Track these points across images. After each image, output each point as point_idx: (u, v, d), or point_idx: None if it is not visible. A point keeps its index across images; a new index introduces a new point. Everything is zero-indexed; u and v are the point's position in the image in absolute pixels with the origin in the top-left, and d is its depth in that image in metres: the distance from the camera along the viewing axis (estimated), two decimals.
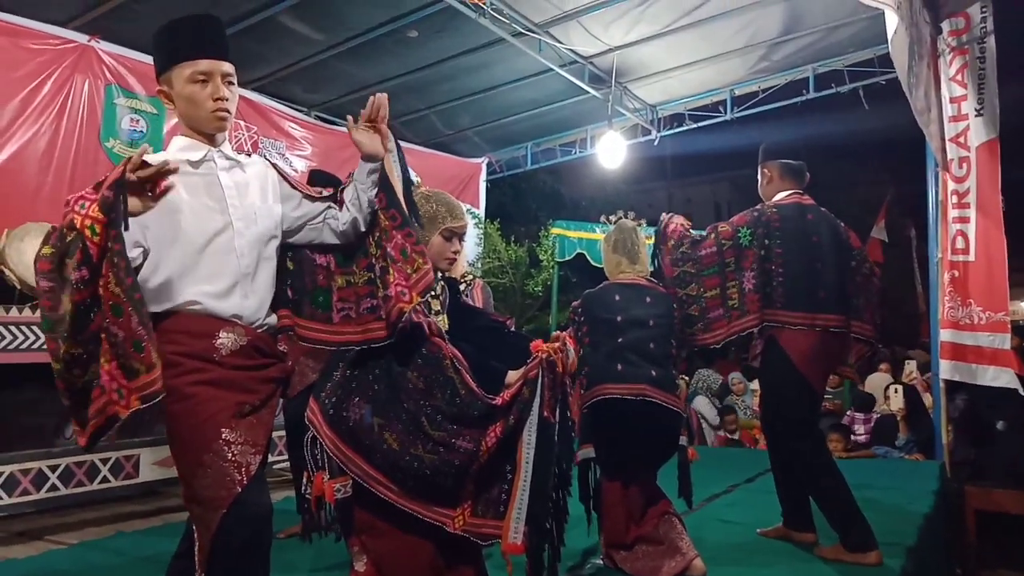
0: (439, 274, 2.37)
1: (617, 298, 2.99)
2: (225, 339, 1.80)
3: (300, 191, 2.02)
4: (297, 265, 2.03)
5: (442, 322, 2.26)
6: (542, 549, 2.07)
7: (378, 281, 1.97)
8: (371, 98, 1.97)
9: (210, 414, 1.72)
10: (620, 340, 2.90)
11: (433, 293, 2.31)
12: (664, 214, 3.46)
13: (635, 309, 2.96)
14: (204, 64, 1.83)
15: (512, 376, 2.10)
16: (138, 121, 5.25)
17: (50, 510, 3.88)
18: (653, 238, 3.40)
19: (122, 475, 4.00)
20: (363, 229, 2.01)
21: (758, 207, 3.28)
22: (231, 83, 1.89)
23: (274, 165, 2.06)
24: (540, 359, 2.08)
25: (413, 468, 1.99)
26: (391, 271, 1.96)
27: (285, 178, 2.03)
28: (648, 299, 3.00)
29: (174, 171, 1.63)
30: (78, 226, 1.56)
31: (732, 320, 3.17)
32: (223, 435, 1.71)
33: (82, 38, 4.97)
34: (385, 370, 2.05)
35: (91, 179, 5.32)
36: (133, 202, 1.60)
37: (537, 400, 2.06)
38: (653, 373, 2.88)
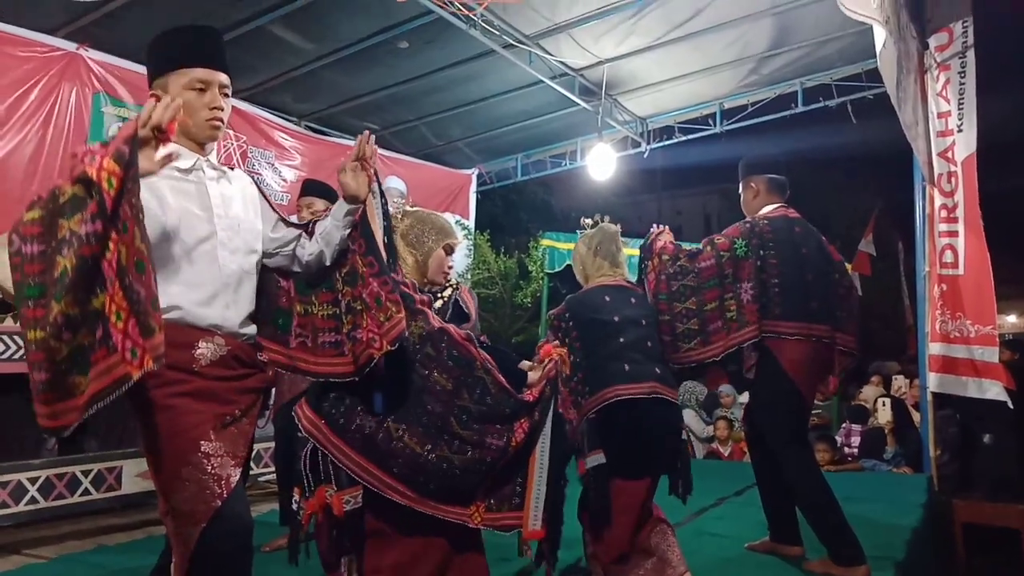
0: (447, 291, 2.50)
1: (607, 299, 2.96)
2: (205, 349, 1.78)
3: (277, 214, 2.06)
4: (261, 285, 2.03)
5: None
6: (559, 533, 2.25)
7: (343, 318, 1.98)
8: (359, 136, 2.01)
9: (189, 426, 1.70)
10: (621, 340, 2.87)
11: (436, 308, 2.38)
12: (654, 226, 3.44)
13: (627, 309, 2.95)
14: (203, 72, 1.84)
15: (532, 376, 2.25)
16: None
17: (29, 523, 3.81)
18: (639, 251, 3.38)
19: (104, 487, 3.94)
20: (327, 263, 2.02)
21: (749, 219, 3.28)
22: (226, 94, 1.91)
23: (256, 184, 2.08)
24: (555, 360, 2.29)
25: (441, 469, 2.03)
26: (364, 316, 1.96)
27: (266, 198, 2.06)
28: (633, 300, 3.01)
29: (178, 108, 1.64)
30: (94, 177, 1.50)
31: (731, 332, 3.11)
32: (202, 447, 1.69)
33: (70, 46, 4.93)
34: (400, 375, 2.07)
35: None
36: (141, 162, 1.57)
37: (554, 397, 2.25)
38: (657, 370, 2.89)
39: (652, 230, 3.41)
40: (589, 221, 3.22)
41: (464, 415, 2.08)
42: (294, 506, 2.10)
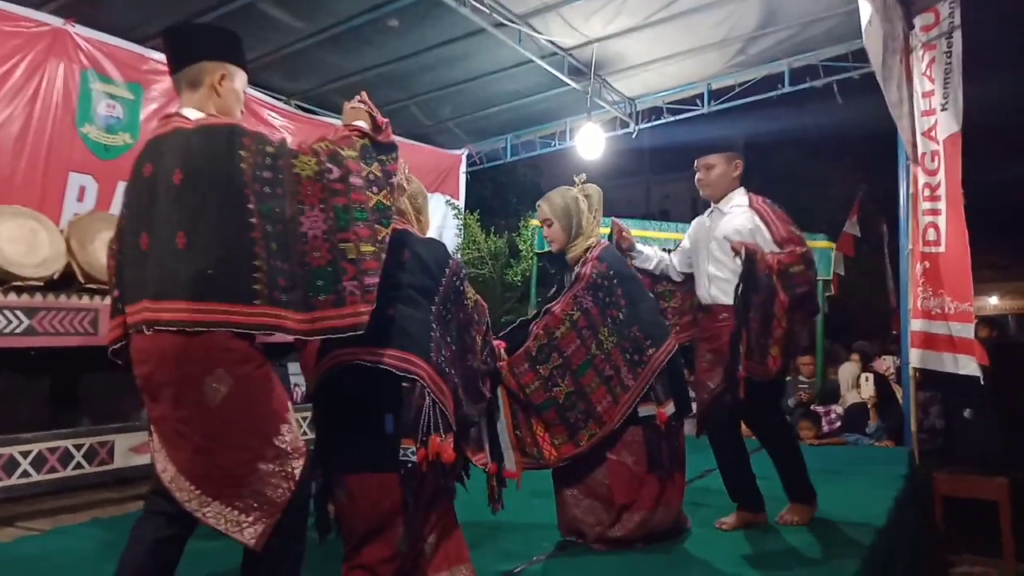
0: None
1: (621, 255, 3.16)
2: None
3: None
4: None
5: None
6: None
7: None
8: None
9: (278, 381, 1.89)
10: (651, 294, 3.11)
11: None
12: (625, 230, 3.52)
13: None
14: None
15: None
16: (114, 106, 5.20)
17: (22, 497, 3.83)
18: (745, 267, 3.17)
19: (96, 461, 3.96)
20: None
21: (782, 210, 3.29)
22: None
23: None
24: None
25: (473, 418, 2.36)
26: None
27: None
28: None
29: None
30: (397, 144, 2.10)
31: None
32: (286, 400, 1.90)
33: (57, 21, 4.90)
34: (457, 335, 2.32)
35: (66, 165, 5.20)
36: None
37: None
38: None
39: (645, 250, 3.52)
40: (582, 176, 3.25)
41: (481, 371, 2.39)
42: (405, 456, 2.04)
